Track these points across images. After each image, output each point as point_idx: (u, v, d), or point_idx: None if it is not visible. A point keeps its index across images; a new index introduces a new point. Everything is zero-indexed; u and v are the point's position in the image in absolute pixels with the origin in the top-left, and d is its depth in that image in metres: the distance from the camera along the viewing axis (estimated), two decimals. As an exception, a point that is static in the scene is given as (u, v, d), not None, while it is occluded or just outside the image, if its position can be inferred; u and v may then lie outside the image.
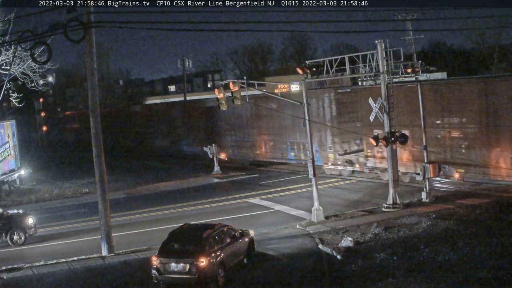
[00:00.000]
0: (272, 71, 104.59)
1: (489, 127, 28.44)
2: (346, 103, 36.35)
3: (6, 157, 41.24)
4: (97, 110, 23.69)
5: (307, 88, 27.44)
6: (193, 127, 55.95)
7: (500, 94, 27.97)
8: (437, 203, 27.28)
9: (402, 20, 60.77)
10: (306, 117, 26.69)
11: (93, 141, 23.76)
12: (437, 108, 30.57)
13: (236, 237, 20.18)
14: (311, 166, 26.47)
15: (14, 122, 45.16)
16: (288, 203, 31.08)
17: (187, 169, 47.34)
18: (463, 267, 17.77)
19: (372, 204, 28.91)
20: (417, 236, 21.87)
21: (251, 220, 27.54)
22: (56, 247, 25.56)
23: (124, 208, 32.98)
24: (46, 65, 34.81)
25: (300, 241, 23.25)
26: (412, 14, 60.09)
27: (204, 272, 17.77)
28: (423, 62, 29.92)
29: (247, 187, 37.42)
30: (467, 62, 79.07)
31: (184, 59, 78.01)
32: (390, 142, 26.80)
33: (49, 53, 21.98)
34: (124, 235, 26.30)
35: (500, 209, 24.70)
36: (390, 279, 17.45)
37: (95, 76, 23.73)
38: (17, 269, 21.89)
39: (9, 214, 26.87)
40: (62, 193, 39.43)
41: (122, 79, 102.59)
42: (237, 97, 27.93)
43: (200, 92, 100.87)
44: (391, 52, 27.44)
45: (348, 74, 28.67)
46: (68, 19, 20.34)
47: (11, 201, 37.34)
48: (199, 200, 33.94)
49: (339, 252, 20.69)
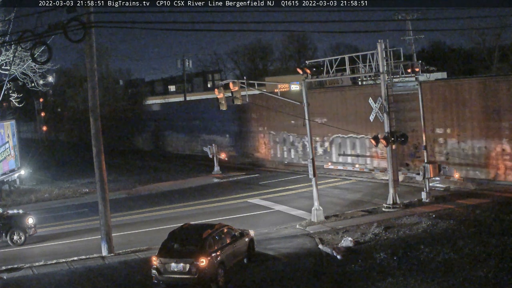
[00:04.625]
0: (272, 71, 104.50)
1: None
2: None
3: (6, 157, 41.24)
4: (97, 110, 23.68)
5: (307, 88, 27.48)
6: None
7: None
8: (437, 203, 27.29)
9: (402, 20, 60.80)
10: (306, 117, 26.70)
11: (93, 141, 23.75)
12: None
13: (236, 237, 20.17)
14: (311, 166, 26.47)
15: (14, 122, 45.17)
16: (288, 203, 31.09)
17: (187, 169, 47.40)
18: (463, 267, 17.78)
19: (372, 204, 28.92)
20: (417, 236, 21.87)
21: (251, 220, 27.54)
22: (56, 247, 25.55)
23: (124, 208, 32.99)
24: (46, 65, 34.86)
25: (300, 241, 23.25)
26: (412, 14, 60.11)
27: (204, 272, 17.77)
28: (423, 62, 29.85)
29: (247, 187, 37.43)
30: (467, 62, 79.02)
31: (184, 59, 78.06)
32: (390, 142, 26.80)
33: (49, 53, 22.01)
34: (124, 235, 26.30)
35: (500, 209, 24.70)
36: (390, 279, 17.45)
37: (95, 76, 23.72)
38: (17, 269, 21.88)
39: (9, 214, 26.88)
40: (62, 193, 39.45)
41: (122, 79, 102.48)
42: (237, 97, 27.97)
43: (200, 92, 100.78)
44: (391, 52, 27.43)
45: (348, 74, 28.65)
46: (68, 19, 20.35)
47: (11, 201, 37.34)
48: (199, 200, 33.95)
49: (339, 252, 20.69)
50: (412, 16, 60.24)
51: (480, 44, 70.31)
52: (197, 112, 59.76)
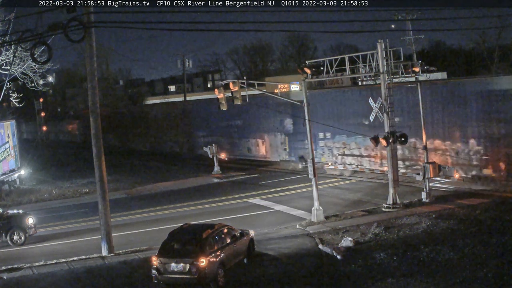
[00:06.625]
0: (272, 71, 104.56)
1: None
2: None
3: (6, 157, 41.23)
4: (97, 111, 23.68)
5: (306, 88, 27.48)
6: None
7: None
8: (437, 203, 27.29)
9: (402, 20, 60.84)
10: (306, 117, 26.69)
11: (93, 141, 23.75)
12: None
13: (236, 237, 20.17)
14: (311, 166, 26.47)
15: (14, 122, 45.16)
16: (288, 203, 31.09)
17: (188, 169, 47.39)
18: (463, 267, 17.78)
19: (372, 204, 28.91)
20: (417, 236, 21.88)
21: (251, 220, 27.54)
22: (56, 247, 25.55)
23: (124, 208, 32.98)
24: (46, 65, 34.83)
25: (300, 241, 23.25)
26: (412, 14, 60.14)
27: (204, 272, 17.77)
28: (423, 62, 29.82)
29: (247, 187, 37.42)
30: (467, 62, 79.06)
31: (184, 59, 78.04)
32: (390, 142, 26.80)
33: (49, 53, 22.03)
34: (124, 235, 26.30)
35: (500, 209, 24.71)
36: (390, 279, 17.46)
37: (95, 76, 23.72)
38: (17, 269, 21.88)
39: (9, 214, 26.88)
40: (62, 193, 39.44)
41: (122, 79, 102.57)
42: (237, 97, 27.94)
43: (200, 92, 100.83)
44: (391, 52, 27.42)
45: (348, 74, 28.66)
46: (68, 19, 20.35)
47: (11, 201, 37.33)
48: (199, 200, 33.94)
49: (339, 252, 20.70)
50: (412, 16, 60.25)
51: (480, 44, 70.34)
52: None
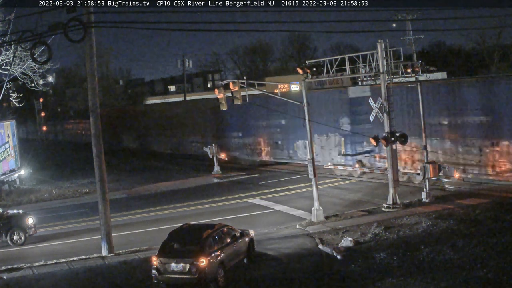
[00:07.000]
0: (272, 71, 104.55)
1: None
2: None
3: (6, 157, 41.23)
4: (97, 111, 23.68)
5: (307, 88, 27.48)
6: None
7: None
8: (437, 203, 27.28)
9: (402, 20, 60.90)
10: (306, 117, 26.69)
11: (93, 141, 23.76)
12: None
13: (236, 237, 20.16)
14: (311, 166, 26.47)
15: (14, 122, 45.16)
16: (288, 203, 31.08)
17: (188, 169, 47.40)
18: (463, 267, 17.77)
19: (372, 204, 28.90)
20: (417, 236, 21.87)
21: (251, 220, 27.53)
22: (56, 247, 25.56)
23: (124, 208, 32.98)
24: (46, 65, 34.84)
25: (300, 241, 23.24)
26: (412, 14, 60.20)
27: (204, 272, 17.77)
28: (423, 62, 29.82)
29: (247, 187, 37.42)
30: (467, 62, 79.10)
31: (184, 59, 78.06)
32: (390, 142, 26.80)
33: (49, 53, 22.03)
34: (124, 235, 26.30)
35: (500, 209, 24.70)
36: (390, 279, 17.46)
37: (95, 76, 23.73)
38: (17, 269, 21.89)
39: (9, 214, 26.88)
40: (62, 193, 39.43)
41: (122, 79, 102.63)
42: (237, 97, 27.94)
43: (200, 92, 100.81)
44: (391, 52, 27.42)
45: (348, 74, 28.67)
46: (68, 19, 20.35)
47: (11, 201, 37.33)
48: (199, 200, 33.93)
49: (339, 252, 20.70)
50: (412, 16, 60.34)
51: (480, 44, 70.41)
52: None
